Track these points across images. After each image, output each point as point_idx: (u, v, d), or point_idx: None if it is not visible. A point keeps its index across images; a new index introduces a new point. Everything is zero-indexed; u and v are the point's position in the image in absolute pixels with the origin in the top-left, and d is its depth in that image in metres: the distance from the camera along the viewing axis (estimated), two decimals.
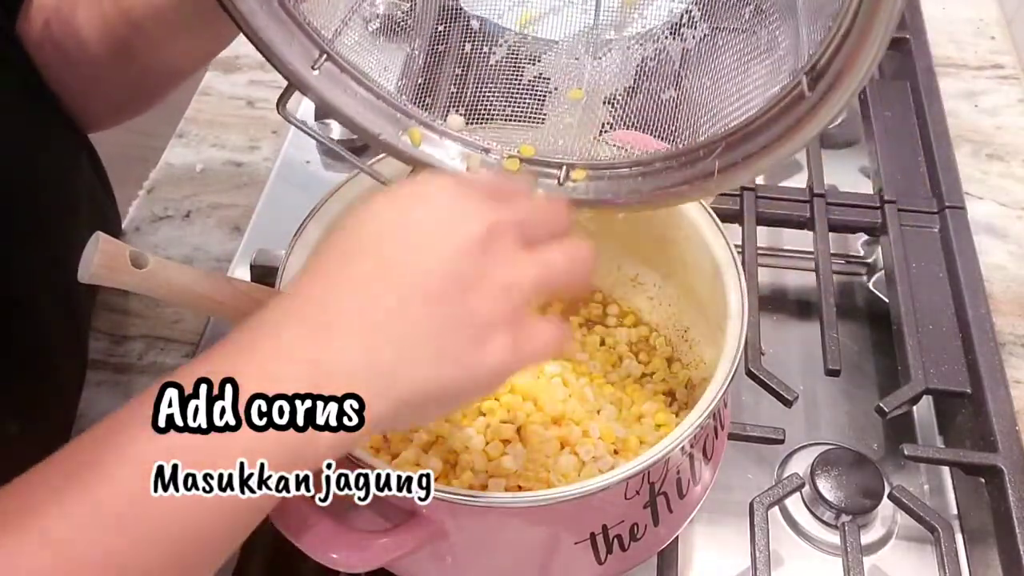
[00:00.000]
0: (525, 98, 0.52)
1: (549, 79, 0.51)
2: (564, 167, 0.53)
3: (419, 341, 0.37)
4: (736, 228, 0.74)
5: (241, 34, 0.47)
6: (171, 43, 0.57)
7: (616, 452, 0.56)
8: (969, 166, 0.84)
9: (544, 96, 0.52)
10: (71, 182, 0.64)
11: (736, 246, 0.55)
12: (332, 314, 0.37)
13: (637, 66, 0.50)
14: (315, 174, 0.85)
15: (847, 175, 0.85)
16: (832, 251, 0.74)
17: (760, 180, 0.80)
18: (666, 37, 0.49)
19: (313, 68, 0.49)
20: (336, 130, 0.77)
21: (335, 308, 0.37)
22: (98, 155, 0.69)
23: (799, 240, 0.78)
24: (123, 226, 0.79)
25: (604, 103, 0.51)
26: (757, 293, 0.71)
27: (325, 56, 0.49)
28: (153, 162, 0.86)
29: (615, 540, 0.49)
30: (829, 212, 0.76)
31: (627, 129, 0.52)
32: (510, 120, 0.53)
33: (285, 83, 0.49)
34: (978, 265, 0.73)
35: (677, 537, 0.55)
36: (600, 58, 0.51)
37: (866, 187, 0.82)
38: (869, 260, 0.80)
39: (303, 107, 0.76)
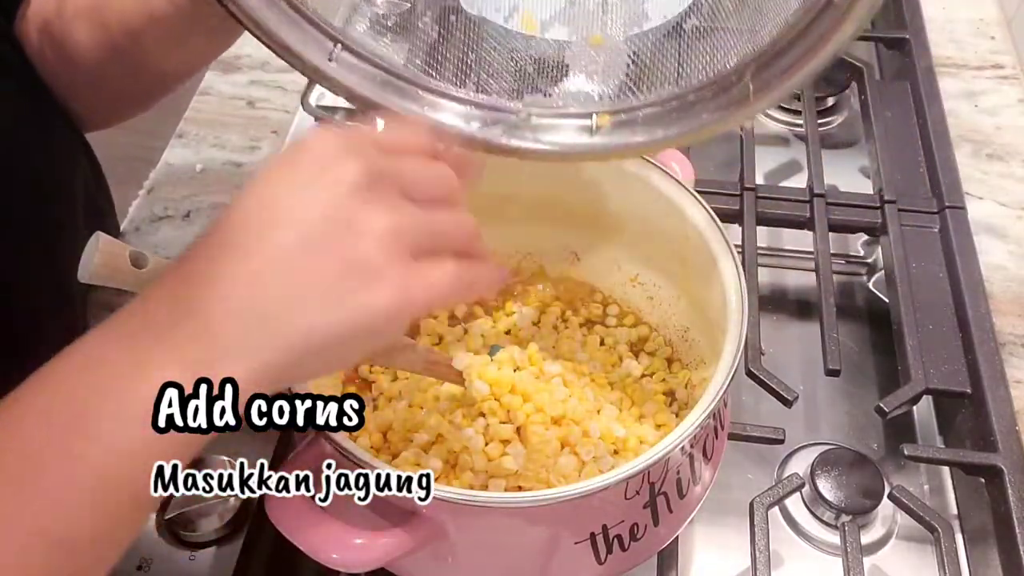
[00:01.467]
0: (546, 54, 0.51)
1: (566, 29, 0.50)
2: (593, 115, 0.51)
3: (304, 286, 0.37)
4: (736, 228, 0.74)
5: (247, 36, 0.47)
6: (169, 50, 0.58)
7: (616, 452, 0.56)
8: (969, 166, 0.84)
9: (564, 50, 0.50)
10: (70, 182, 0.64)
11: (736, 246, 0.55)
12: (211, 275, 0.37)
13: None
14: None
15: (847, 175, 0.85)
16: (832, 251, 0.74)
17: (760, 180, 0.80)
18: None
19: (330, 60, 0.49)
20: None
21: (214, 271, 0.37)
22: (95, 156, 0.69)
23: (799, 240, 0.78)
24: (123, 226, 0.79)
25: (626, 42, 0.50)
26: (757, 293, 0.71)
27: (340, 45, 0.49)
28: (153, 162, 0.86)
29: (615, 540, 0.49)
30: (829, 212, 0.76)
31: (655, 68, 0.50)
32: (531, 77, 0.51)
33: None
34: (978, 265, 0.73)
35: (677, 537, 0.55)
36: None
37: (866, 187, 0.82)
38: (869, 260, 0.80)
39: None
